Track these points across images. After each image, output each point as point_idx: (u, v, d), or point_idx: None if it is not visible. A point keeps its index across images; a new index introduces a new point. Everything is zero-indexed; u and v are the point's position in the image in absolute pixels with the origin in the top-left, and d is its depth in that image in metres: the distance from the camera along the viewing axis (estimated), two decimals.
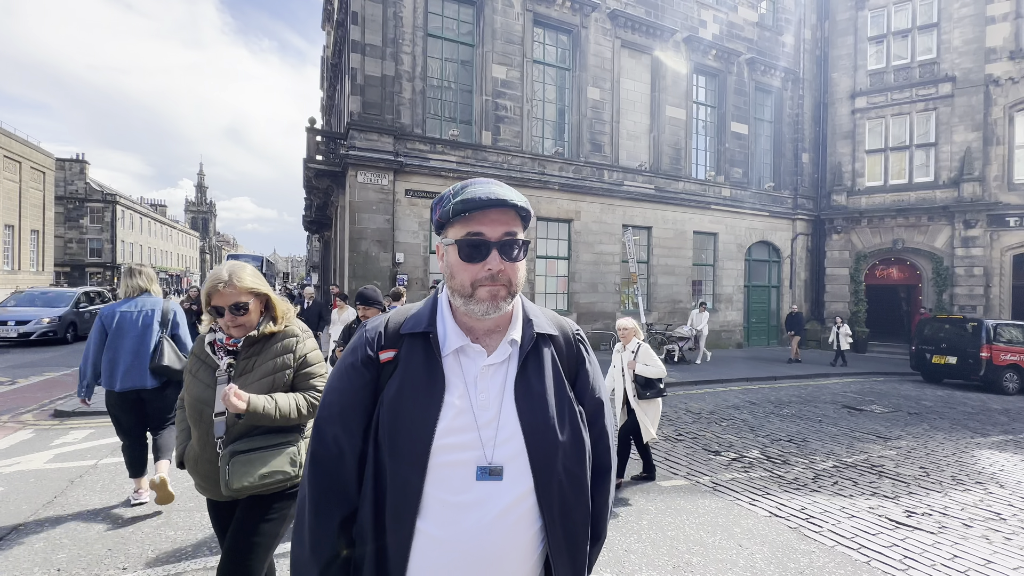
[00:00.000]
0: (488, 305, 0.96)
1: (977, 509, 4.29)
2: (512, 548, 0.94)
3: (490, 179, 1.02)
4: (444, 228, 1.01)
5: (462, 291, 0.98)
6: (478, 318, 0.99)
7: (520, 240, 0.99)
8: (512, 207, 0.97)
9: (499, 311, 0.98)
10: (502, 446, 0.96)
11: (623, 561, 3.19)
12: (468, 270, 0.97)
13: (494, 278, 0.96)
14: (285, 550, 2.83)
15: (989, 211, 15.59)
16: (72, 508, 3.66)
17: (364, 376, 1.01)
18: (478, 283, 0.96)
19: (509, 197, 0.97)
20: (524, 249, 1.00)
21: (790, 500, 4.32)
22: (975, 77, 15.87)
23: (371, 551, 0.96)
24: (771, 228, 17.98)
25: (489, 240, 0.96)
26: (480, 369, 0.99)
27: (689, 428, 6.72)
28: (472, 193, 0.96)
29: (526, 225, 1.03)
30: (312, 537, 0.97)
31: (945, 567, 3.27)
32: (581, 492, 1.02)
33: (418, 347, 1.00)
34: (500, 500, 0.94)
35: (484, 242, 0.96)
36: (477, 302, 0.97)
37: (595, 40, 14.53)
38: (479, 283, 0.96)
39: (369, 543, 0.96)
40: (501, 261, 0.96)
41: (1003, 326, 11.36)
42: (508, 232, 0.97)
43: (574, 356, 1.11)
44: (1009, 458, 5.89)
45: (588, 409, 1.09)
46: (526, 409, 0.98)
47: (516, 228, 0.99)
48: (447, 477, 0.93)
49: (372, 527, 0.96)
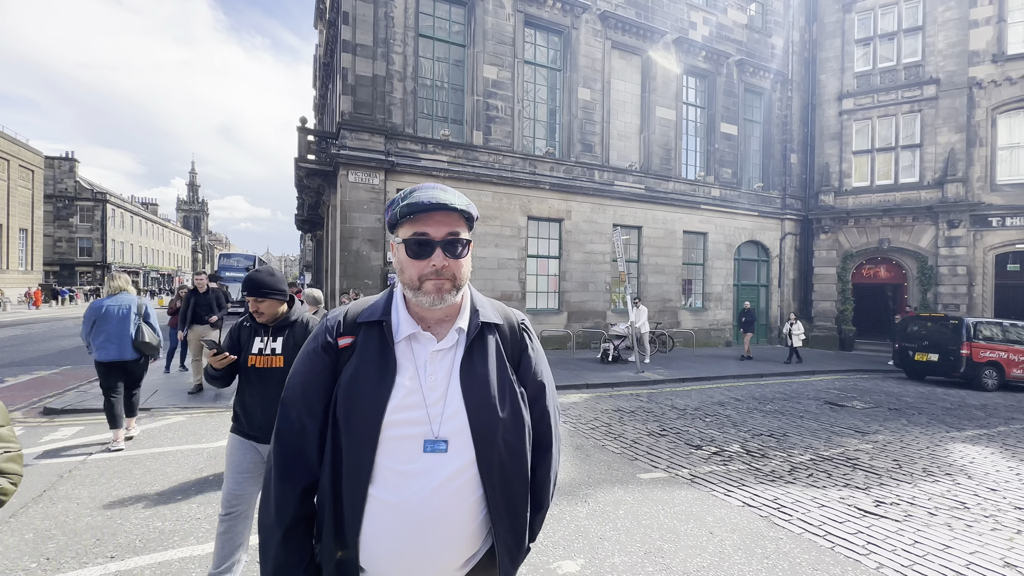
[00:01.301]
0: (434, 297, 1.08)
1: (943, 499, 4.45)
2: (455, 511, 1.06)
3: (437, 184, 1.13)
4: (395, 228, 1.13)
5: (411, 284, 1.10)
6: (427, 308, 1.11)
7: (463, 239, 1.11)
8: (455, 210, 1.09)
9: (444, 302, 1.10)
10: (448, 422, 1.08)
11: (597, 548, 3.31)
12: (415, 266, 1.08)
13: (439, 273, 1.07)
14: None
15: (972, 211, 15.89)
16: (61, 501, 3.74)
17: (324, 360, 1.12)
18: (424, 277, 1.08)
19: (451, 201, 1.08)
20: (467, 247, 1.12)
21: (764, 491, 4.46)
22: (959, 80, 16.16)
23: (329, 515, 1.07)
24: (760, 228, 18.20)
25: (433, 239, 1.07)
26: (429, 354, 1.11)
27: (673, 424, 6.86)
28: (418, 197, 1.08)
29: (471, 226, 1.15)
30: (277, 504, 1.08)
31: (905, 552, 3.42)
32: (520, 464, 1.13)
33: (373, 334, 1.12)
34: (444, 469, 1.05)
35: (429, 241, 1.07)
36: (424, 294, 1.09)
37: (586, 41, 14.66)
38: (425, 277, 1.08)
39: (327, 509, 1.07)
40: (445, 258, 1.08)
41: (983, 324, 11.61)
42: (451, 232, 1.09)
43: (518, 343, 1.23)
44: (980, 451, 6.08)
45: (530, 390, 1.21)
46: (470, 389, 1.10)
47: (459, 228, 1.10)
48: (396, 449, 1.05)
49: (331, 494, 1.07)
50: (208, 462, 4.68)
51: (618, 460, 5.19)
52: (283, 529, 1.07)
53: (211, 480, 4.23)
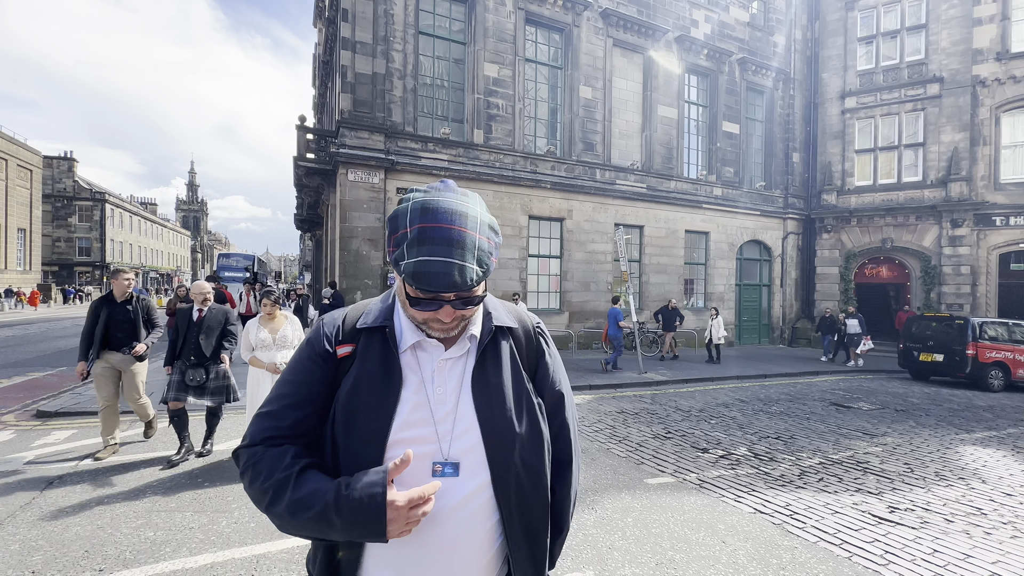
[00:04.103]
0: (439, 336, 0.97)
1: (959, 504, 4.33)
2: (468, 540, 0.93)
3: (454, 210, 0.89)
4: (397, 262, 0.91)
5: (412, 322, 0.98)
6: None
7: (477, 296, 0.93)
8: (468, 286, 0.88)
9: (449, 335, 0.98)
10: (459, 439, 0.95)
11: (606, 558, 3.19)
12: (418, 313, 0.94)
13: (445, 324, 0.94)
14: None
15: (976, 210, 15.78)
16: (50, 509, 3.61)
17: (322, 368, 0.99)
18: (428, 323, 0.95)
19: (469, 277, 0.87)
20: (482, 297, 0.96)
21: (775, 497, 4.34)
22: (962, 78, 16.05)
23: (322, 560, 0.95)
24: (762, 227, 18.08)
25: (443, 298, 0.90)
26: (437, 364, 0.98)
27: (679, 426, 6.74)
28: (429, 255, 0.86)
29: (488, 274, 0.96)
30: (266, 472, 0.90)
31: (925, 562, 3.30)
32: (539, 485, 1.01)
33: (375, 342, 0.99)
34: (456, 493, 0.93)
35: (436, 299, 0.90)
36: (428, 331, 0.97)
37: (587, 39, 14.54)
38: (429, 323, 0.95)
39: (321, 552, 0.95)
40: (454, 312, 0.92)
41: (989, 324, 11.50)
42: (464, 297, 0.92)
43: (534, 349, 1.10)
44: (992, 454, 5.96)
45: (548, 402, 1.08)
46: (483, 402, 0.97)
47: (475, 288, 0.92)
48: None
49: None
50: (203, 468, 4.55)
51: (624, 464, 5.07)
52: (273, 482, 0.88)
53: (206, 487, 4.11)
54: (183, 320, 4.77)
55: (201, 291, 4.90)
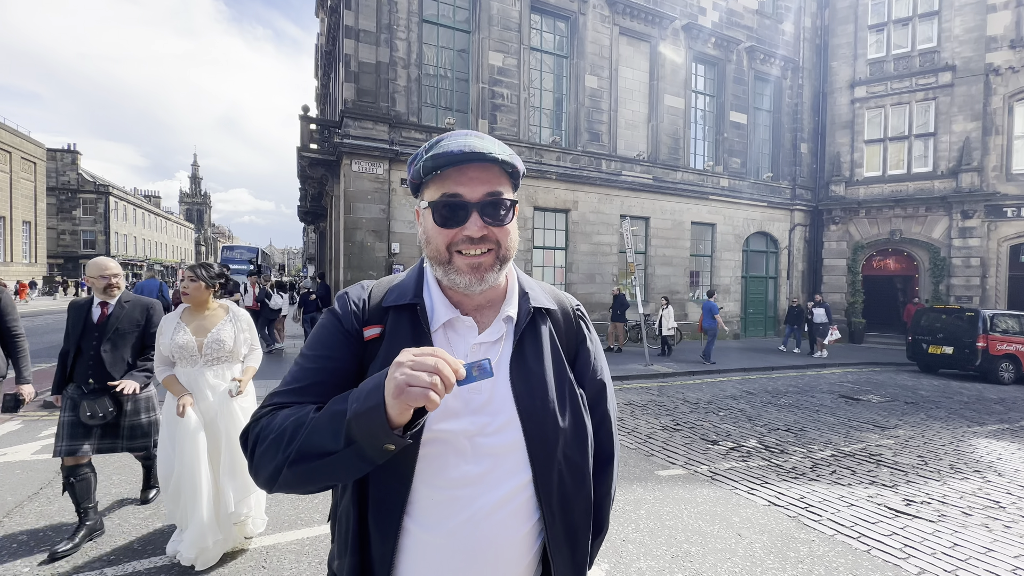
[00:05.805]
0: (471, 278, 0.86)
1: (976, 497, 4.27)
2: (507, 543, 0.86)
3: (470, 130, 0.89)
4: (419, 190, 0.90)
5: (438, 257, 0.88)
6: (463, 292, 0.89)
7: (506, 200, 0.87)
8: (495, 162, 0.85)
9: (485, 284, 0.87)
10: (497, 434, 0.87)
11: (621, 551, 3.14)
12: (444, 234, 0.86)
13: (474, 242, 0.85)
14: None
15: (987, 201, 15.55)
16: (58, 500, 3.58)
17: (348, 348, 0.89)
18: (455, 247, 0.86)
19: (489, 150, 0.84)
20: (512, 211, 0.89)
21: (789, 489, 4.29)
22: (975, 66, 15.74)
23: (353, 552, 0.85)
24: (769, 219, 17.90)
25: (468, 201, 0.84)
26: (471, 347, 0.90)
27: (687, 417, 6.68)
28: (446, 147, 0.84)
29: (516, 184, 0.92)
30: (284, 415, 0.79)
31: (946, 555, 3.23)
32: (583, 482, 0.93)
33: (404, 321, 0.90)
34: (494, 493, 0.85)
35: (462, 203, 0.84)
36: (457, 272, 0.86)
37: (593, 27, 14.32)
38: (456, 246, 0.86)
39: (350, 544, 0.86)
40: (484, 225, 0.85)
41: (1000, 316, 11.36)
42: (491, 192, 0.85)
43: (574, 333, 1.02)
44: (1006, 447, 5.88)
45: (589, 391, 1.00)
46: (523, 392, 0.88)
47: (501, 187, 0.87)
48: (436, 468, 0.84)
49: (355, 532, 0.86)
50: None
51: (634, 456, 5.02)
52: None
53: None
54: (76, 322, 3.05)
55: (102, 272, 3.06)
